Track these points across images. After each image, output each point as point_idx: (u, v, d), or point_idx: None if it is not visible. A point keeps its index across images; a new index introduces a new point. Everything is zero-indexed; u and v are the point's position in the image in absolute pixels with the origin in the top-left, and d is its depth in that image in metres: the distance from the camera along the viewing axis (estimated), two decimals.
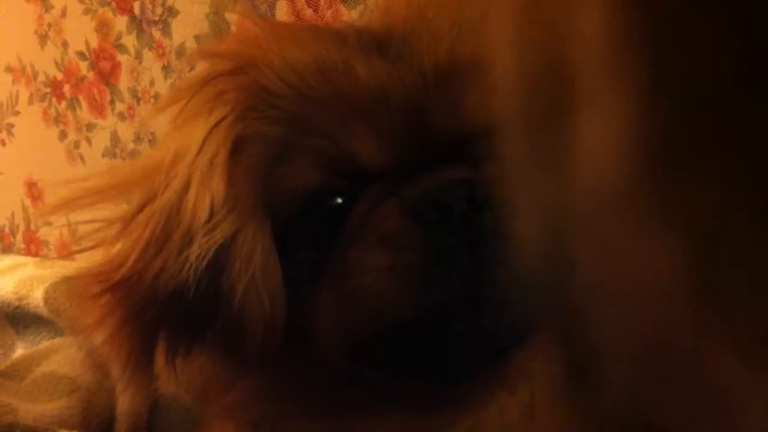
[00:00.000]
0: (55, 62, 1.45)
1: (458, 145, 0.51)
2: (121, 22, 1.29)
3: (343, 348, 0.50)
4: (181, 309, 0.49)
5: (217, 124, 0.51)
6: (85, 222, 0.54)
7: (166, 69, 1.22)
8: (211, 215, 0.49)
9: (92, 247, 0.54)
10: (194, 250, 0.48)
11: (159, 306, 0.50)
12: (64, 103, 1.46)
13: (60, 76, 1.45)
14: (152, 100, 1.26)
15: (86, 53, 1.38)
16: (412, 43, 0.52)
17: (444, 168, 0.49)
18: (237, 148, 0.51)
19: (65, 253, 1.44)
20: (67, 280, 1.04)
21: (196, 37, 1.16)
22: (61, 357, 0.91)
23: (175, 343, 0.52)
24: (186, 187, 0.50)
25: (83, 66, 1.39)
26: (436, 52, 0.52)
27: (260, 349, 0.49)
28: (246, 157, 0.51)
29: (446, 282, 0.47)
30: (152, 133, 1.29)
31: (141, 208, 0.52)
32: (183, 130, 0.52)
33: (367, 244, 0.49)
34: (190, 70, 1.17)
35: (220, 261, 0.49)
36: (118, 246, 0.53)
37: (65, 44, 1.42)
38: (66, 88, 1.44)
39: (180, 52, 1.19)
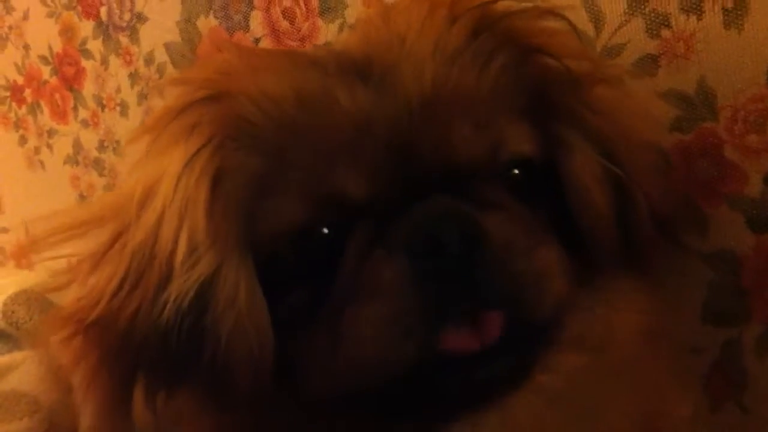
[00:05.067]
0: (16, 65, 1.41)
1: (446, 176, 0.49)
2: (86, 27, 1.26)
3: (335, 391, 0.49)
4: (161, 349, 0.47)
5: (194, 155, 0.49)
6: (56, 258, 0.53)
7: (133, 76, 1.20)
8: (191, 252, 0.47)
9: (64, 286, 0.53)
10: (174, 289, 0.47)
11: (137, 347, 0.48)
12: (24, 108, 1.42)
13: (21, 80, 1.42)
14: (118, 107, 1.24)
15: (49, 57, 1.34)
16: (394, 71, 0.51)
17: (433, 200, 0.48)
18: (216, 181, 0.49)
19: (21, 259, 1.41)
20: (25, 292, 1.03)
21: (166, 45, 1.13)
22: (20, 374, 0.88)
23: (155, 384, 0.50)
24: (160, 222, 0.48)
25: (45, 70, 1.36)
26: (420, 81, 0.50)
27: (247, 388, 0.48)
28: (225, 190, 0.49)
29: (445, 325, 0.46)
30: (117, 141, 1.26)
31: (112, 244, 0.50)
32: (156, 162, 0.50)
33: (363, 295, 0.47)
34: (159, 78, 1.15)
35: (202, 300, 0.47)
36: (89, 283, 0.51)
37: (27, 47, 1.38)
38: (27, 93, 1.41)
39: (149, 59, 1.16)
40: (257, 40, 1.01)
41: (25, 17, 1.36)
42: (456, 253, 0.46)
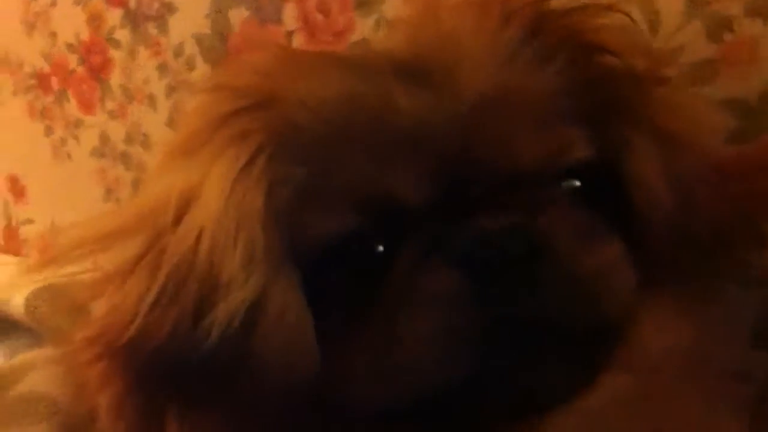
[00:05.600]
0: (43, 53, 1.39)
1: (506, 181, 0.47)
2: (114, 16, 1.23)
3: (378, 405, 0.46)
4: (197, 373, 0.45)
5: (246, 167, 0.46)
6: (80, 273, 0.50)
7: (162, 68, 1.17)
8: (244, 267, 0.44)
9: (89, 301, 0.51)
10: (221, 310, 0.44)
11: (170, 370, 0.45)
12: (51, 97, 1.40)
13: (47, 69, 1.39)
14: (146, 99, 1.21)
15: (76, 46, 1.32)
16: (452, 73, 0.48)
17: (494, 211, 0.45)
18: (269, 191, 0.46)
19: (46, 254, 1.40)
20: (49, 287, 1.02)
21: (195, 37, 1.11)
22: (40, 374, 0.86)
23: (188, 408, 0.47)
24: (205, 237, 0.45)
25: (72, 59, 1.33)
26: (482, 83, 0.48)
27: (286, 408, 0.45)
28: (274, 202, 0.46)
29: (504, 340, 0.43)
30: (144, 134, 1.23)
31: (141, 258, 0.47)
32: (197, 171, 0.47)
33: (416, 306, 0.44)
34: (188, 71, 1.12)
35: (249, 320, 0.44)
36: (116, 301, 0.48)
37: (54, 35, 1.36)
38: (53, 81, 1.39)
39: (178, 51, 1.14)
40: (290, 33, 0.98)
41: (53, 4, 1.34)
42: (518, 267, 0.44)
